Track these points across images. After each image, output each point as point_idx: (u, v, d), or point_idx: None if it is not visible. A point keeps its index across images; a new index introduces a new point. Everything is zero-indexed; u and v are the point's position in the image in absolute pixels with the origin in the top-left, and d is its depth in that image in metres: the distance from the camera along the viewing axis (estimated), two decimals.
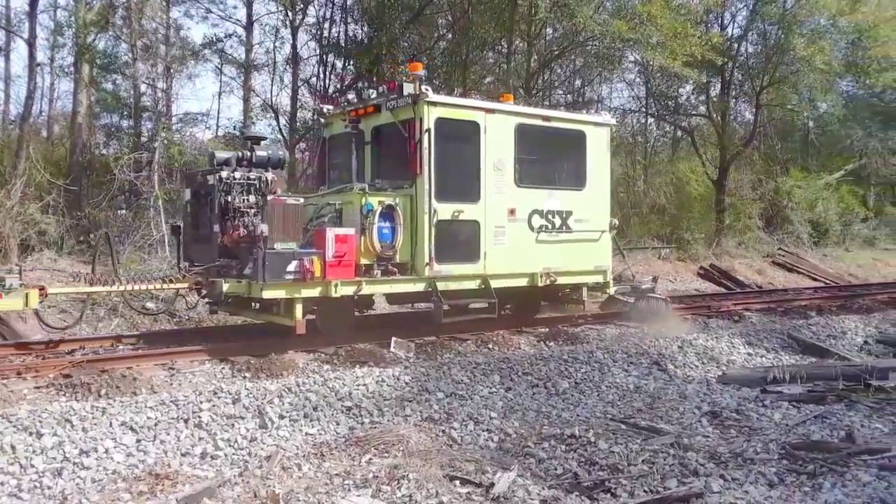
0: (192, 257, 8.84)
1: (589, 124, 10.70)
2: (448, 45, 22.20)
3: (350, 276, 8.34)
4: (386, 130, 9.55)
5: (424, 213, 8.83)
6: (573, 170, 10.49)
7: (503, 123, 9.59)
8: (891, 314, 12.61)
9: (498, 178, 9.51)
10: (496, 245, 9.47)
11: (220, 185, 8.31)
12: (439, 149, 8.94)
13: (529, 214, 9.84)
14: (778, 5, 24.45)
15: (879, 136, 30.12)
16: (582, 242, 10.38)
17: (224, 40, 21.36)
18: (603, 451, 5.65)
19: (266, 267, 7.81)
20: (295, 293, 8.05)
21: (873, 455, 5.42)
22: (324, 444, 5.87)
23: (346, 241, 8.28)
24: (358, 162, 9.58)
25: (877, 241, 27.83)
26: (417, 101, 8.85)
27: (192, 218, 8.94)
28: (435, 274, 8.95)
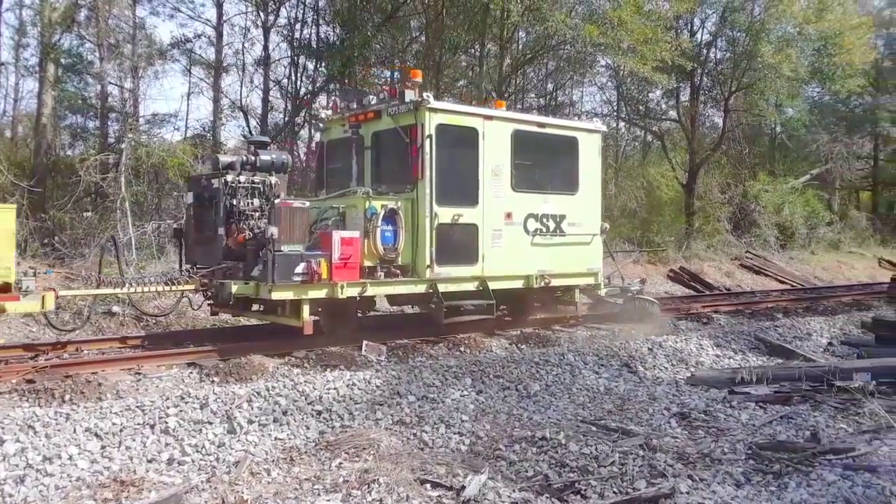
0: (195, 259, 8.95)
1: (581, 131, 11.03)
2: (421, 47, 22.19)
3: (355, 278, 8.53)
4: (386, 135, 9.71)
5: (426, 217, 9.04)
6: (566, 175, 10.74)
7: (500, 130, 9.83)
8: (855, 316, 12.86)
9: (495, 183, 9.76)
10: (494, 248, 9.71)
11: (226, 188, 8.48)
12: (440, 154, 9.15)
13: (525, 218, 10.09)
14: (746, 13, 24.86)
15: (844, 141, 30.79)
16: (574, 245, 10.66)
17: (193, 41, 21.13)
18: (573, 452, 5.67)
19: (275, 269, 7.94)
20: (302, 294, 8.19)
21: (838, 455, 5.50)
22: (293, 448, 5.82)
23: (352, 243, 8.48)
24: (358, 166, 9.72)
25: (841, 244, 28.37)
26: (419, 107, 9.05)
27: (194, 221, 9.06)
28: (436, 276, 9.15)
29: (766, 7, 24.48)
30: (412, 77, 9.58)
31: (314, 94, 20.62)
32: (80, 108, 20.77)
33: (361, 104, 10.15)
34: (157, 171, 15.01)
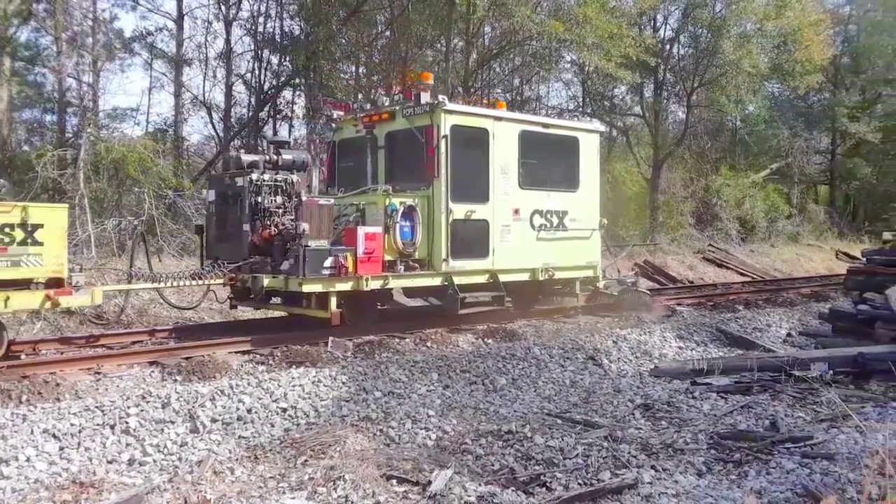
0: (218, 255, 9.26)
1: (582, 131, 11.57)
2: (387, 42, 22.08)
3: (378, 272, 9.00)
4: (399, 136, 10.11)
5: (441, 213, 9.51)
6: (568, 173, 11.25)
7: (509, 130, 10.32)
8: (813, 307, 13.15)
9: (504, 181, 10.23)
10: (503, 242, 10.20)
11: (251, 186, 8.83)
12: (454, 153, 9.60)
13: (531, 214, 10.59)
14: (708, 10, 25.19)
15: (803, 136, 31.38)
16: (576, 240, 11.19)
17: (154, 34, 20.72)
18: (539, 445, 5.71)
19: (306, 263, 8.35)
20: (330, 287, 8.61)
21: (796, 443, 5.63)
22: (258, 446, 5.76)
23: (375, 238, 8.94)
24: (372, 165, 10.20)
25: (800, 237, 28.94)
26: (435, 109, 9.48)
27: (216, 218, 9.40)
28: (451, 269, 9.63)
29: (728, 4, 24.85)
30: (423, 79, 10.06)
31: (279, 89, 20.40)
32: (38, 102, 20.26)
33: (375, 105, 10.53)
34: (117, 167, 14.68)
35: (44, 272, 7.21)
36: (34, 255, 7.12)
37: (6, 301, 6.93)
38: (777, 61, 27.04)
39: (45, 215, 7.24)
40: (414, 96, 9.88)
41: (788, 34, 25.87)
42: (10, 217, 6.97)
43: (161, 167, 15.03)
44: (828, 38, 29.71)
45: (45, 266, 7.19)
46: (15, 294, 7.00)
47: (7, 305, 6.97)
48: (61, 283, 7.34)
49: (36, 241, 7.12)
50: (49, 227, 7.19)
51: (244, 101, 21.45)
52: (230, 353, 8.02)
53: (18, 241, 7.01)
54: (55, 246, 7.25)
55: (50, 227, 7.20)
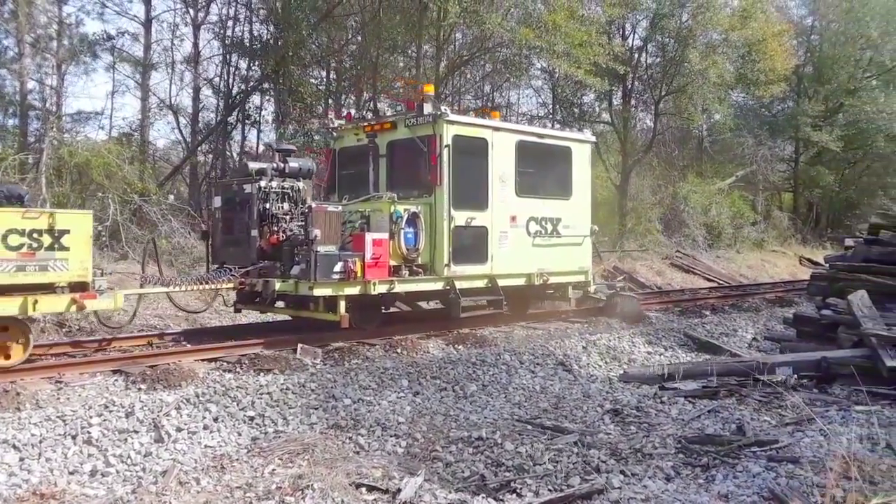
0: (224, 260, 9.46)
1: (574, 141, 11.93)
2: (358, 47, 22.03)
3: (385, 276, 9.25)
4: (401, 145, 10.38)
5: (443, 220, 9.81)
6: (561, 181, 11.59)
7: (506, 140, 10.63)
8: (777, 312, 13.38)
9: (502, 189, 10.53)
10: (501, 248, 10.51)
11: (259, 193, 9.08)
12: (455, 162, 9.88)
13: (527, 221, 10.89)
14: (675, 20, 25.56)
15: (767, 144, 31.94)
16: (568, 246, 11.53)
17: (117, 37, 20.39)
18: (509, 451, 5.71)
19: (317, 268, 8.60)
20: (340, 291, 8.85)
21: (762, 447, 5.70)
22: (224, 456, 5.67)
23: (381, 244, 9.19)
24: (374, 173, 10.50)
25: (765, 243, 29.41)
26: (437, 119, 9.77)
27: (223, 223, 9.63)
28: (452, 274, 9.91)
29: (694, 14, 25.24)
30: (425, 91, 10.37)
31: (247, 94, 20.21)
32: None
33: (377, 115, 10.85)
34: (80, 172, 14.40)
35: (69, 276, 7.40)
36: (60, 259, 7.32)
37: (35, 304, 7.12)
38: (742, 71, 27.53)
39: (71, 221, 7.46)
40: (416, 107, 10.13)
41: (753, 44, 26.36)
42: (37, 223, 7.17)
43: (126, 172, 14.77)
44: (791, 49, 30.35)
45: (70, 270, 7.38)
46: (43, 298, 7.20)
47: (36, 309, 7.16)
48: (86, 286, 7.53)
49: (62, 247, 7.33)
50: (74, 232, 7.40)
51: (212, 105, 21.21)
52: (196, 361, 7.89)
53: (46, 246, 7.22)
54: (80, 251, 7.46)
55: (75, 232, 7.41)
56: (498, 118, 11.14)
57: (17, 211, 7.19)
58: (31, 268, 7.14)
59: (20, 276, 7.07)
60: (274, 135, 20.82)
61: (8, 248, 7.00)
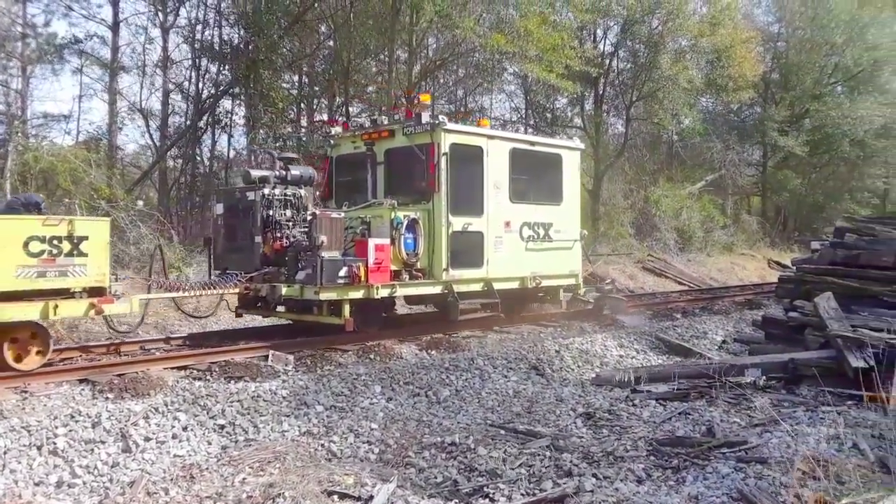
0: (226, 265, 9.73)
1: (565, 148, 12.33)
2: (330, 52, 21.93)
3: (387, 280, 9.54)
4: (399, 152, 10.66)
5: (442, 226, 10.12)
6: (552, 187, 11.97)
7: (500, 148, 10.98)
8: (747, 315, 13.56)
9: (497, 195, 10.87)
10: (496, 253, 10.85)
11: (262, 200, 9.34)
12: (452, 170, 10.20)
13: (520, 226, 11.24)
14: (646, 26, 25.86)
15: (736, 149, 32.40)
16: (559, 250, 11.90)
17: (85, 41, 20.05)
18: (482, 456, 5.70)
19: (323, 273, 8.84)
20: (344, 295, 9.12)
21: (731, 448, 5.76)
22: (194, 465, 5.60)
23: (384, 249, 9.48)
24: (372, 180, 10.75)
25: (734, 246, 29.80)
26: (435, 128, 10.06)
27: (225, 230, 9.83)
28: (450, 278, 10.24)
29: (664, 20, 25.56)
30: (422, 101, 10.81)
31: (217, 98, 20.01)
32: None
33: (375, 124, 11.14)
34: (46, 178, 14.14)
35: (87, 282, 7.61)
36: (79, 265, 7.51)
37: (55, 309, 7.29)
38: (711, 77, 27.94)
39: (90, 228, 7.66)
40: (415, 116, 10.38)
41: (722, 51, 26.76)
42: (57, 230, 7.37)
43: (93, 177, 14.53)
44: (758, 55, 30.84)
45: (88, 276, 7.58)
46: (63, 302, 7.39)
47: (56, 313, 7.34)
48: (103, 291, 7.72)
49: (81, 253, 7.52)
50: (93, 239, 7.60)
51: (182, 110, 20.95)
52: (165, 369, 7.77)
53: (65, 252, 7.41)
54: (98, 257, 7.66)
55: (94, 239, 7.61)
56: (488, 126, 11.43)
57: (37, 218, 7.41)
58: (52, 273, 7.33)
59: (41, 281, 7.26)
60: (245, 139, 20.65)
61: (29, 254, 7.19)
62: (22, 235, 7.16)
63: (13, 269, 7.08)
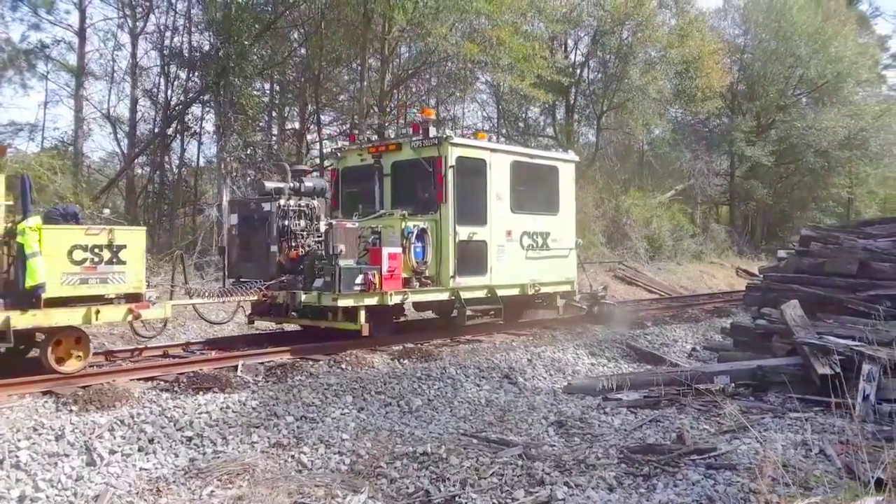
0: (241, 274, 10.13)
1: (561, 161, 12.91)
2: (301, 59, 21.83)
3: (399, 287, 9.99)
4: (405, 165, 11.08)
5: (449, 235, 10.59)
6: (550, 198, 12.51)
7: (502, 160, 11.49)
8: (716, 322, 13.72)
9: (499, 206, 11.35)
10: (499, 261, 11.32)
11: (278, 211, 9.69)
12: (458, 182, 10.66)
13: (521, 235, 11.74)
14: (616, 36, 26.18)
15: (704, 159, 32.91)
16: (556, 258, 12.43)
17: (51, 46, 19.70)
18: (454, 466, 5.67)
19: (341, 280, 9.21)
20: (360, 302, 9.52)
21: (701, 455, 5.80)
22: (160, 478, 5.49)
23: (396, 258, 9.92)
24: (380, 191, 11.19)
25: (704, 255, 30.22)
26: (443, 142, 10.54)
27: (239, 239, 10.22)
28: (457, 285, 10.71)
29: (634, 32, 25.91)
30: (426, 115, 11.32)
31: (187, 105, 19.78)
32: None
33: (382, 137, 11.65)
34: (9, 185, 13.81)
35: (126, 288, 8.00)
36: (118, 272, 7.91)
37: (97, 314, 7.70)
38: (680, 87, 28.37)
39: (128, 237, 8.07)
40: (422, 130, 10.83)
41: (690, 62, 27.21)
42: (98, 239, 7.76)
43: (59, 185, 14.26)
44: (725, 67, 31.40)
45: (127, 283, 7.98)
46: (104, 308, 7.79)
47: (98, 318, 7.75)
48: (139, 297, 8.12)
49: (120, 261, 7.92)
50: (131, 247, 8.02)
51: (151, 116, 20.66)
52: (131, 381, 7.64)
53: (106, 260, 7.81)
54: (135, 264, 8.07)
55: (131, 247, 8.02)
56: (485, 139, 11.99)
57: (81, 228, 7.80)
58: (93, 280, 7.74)
59: (83, 288, 7.67)
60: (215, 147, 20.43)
61: (73, 262, 7.57)
62: (66, 244, 7.52)
63: (59, 276, 7.46)
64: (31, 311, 7.28)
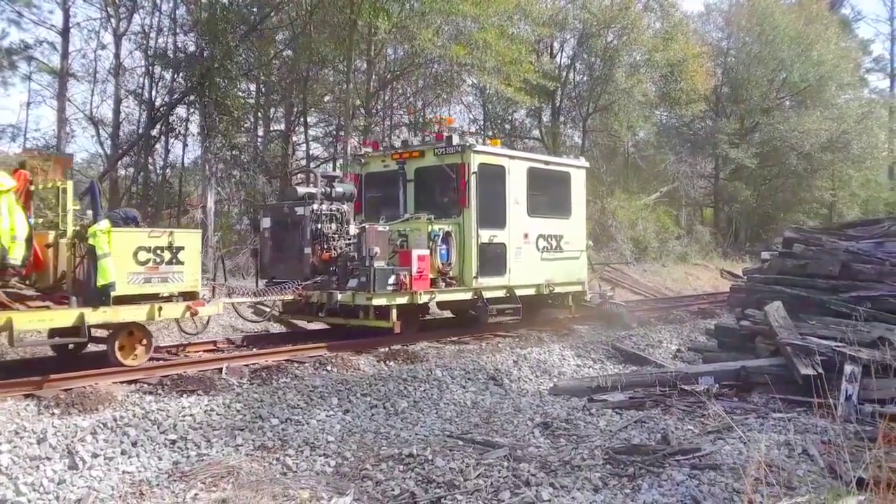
0: (274, 275, 10.68)
1: (573, 167, 13.46)
2: (287, 61, 21.76)
3: (427, 287, 10.53)
4: (428, 171, 11.66)
5: (472, 238, 11.14)
6: (563, 202, 13.07)
7: (520, 167, 12.09)
8: (700, 324, 13.81)
9: (517, 210, 11.92)
10: (516, 262, 11.87)
11: (311, 215, 10.24)
12: (480, 187, 11.22)
13: (536, 238, 12.30)
14: (601, 39, 26.31)
15: (688, 161, 33.10)
16: (569, 260, 12.97)
17: (34, 46, 19.51)
18: (440, 468, 5.66)
19: (375, 280, 9.74)
20: (392, 301, 10.03)
21: (686, 455, 5.83)
22: (143, 481, 5.45)
23: (425, 259, 10.45)
24: (403, 196, 11.71)
25: (688, 256, 30.36)
26: (466, 150, 11.13)
27: (272, 242, 10.76)
28: (479, 285, 11.26)
29: (620, 35, 26.05)
30: (448, 124, 12.18)
31: (171, 106, 19.67)
32: None
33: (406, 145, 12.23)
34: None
35: (184, 287, 8.49)
36: (177, 272, 8.40)
37: (159, 311, 8.21)
38: (665, 90, 28.53)
39: (186, 239, 8.57)
40: (445, 138, 11.37)
41: (675, 65, 27.38)
42: (160, 241, 8.28)
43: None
44: (709, 70, 31.61)
45: (185, 282, 8.48)
46: (165, 305, 8.29)
47: (160, 315, 8.25)
48: (195, 296, 8.63)
49: (179, 261, 8.40)
50: (188, 248, 8.51)
51: (135, 118, 20.52)
52: (115, 384, 7.56)
53: (166, 260, 8.31)
54: (192, 264, 8.56)
55: (189, 248, 8.52)
56: (499, 146, 12.44)
57: (144, 231, 8.38)
58: (156, 280, 8.26)
59: (147, 286, 8.21)
60: (199, 148, 20.31)
61: (138, 262, 8.10)
62: (132, 246, 8.05)
63: (125, 275, 7.97)
64: (101, 309, 7.76)
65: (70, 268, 8.10)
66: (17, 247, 7.72)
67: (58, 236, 8.28)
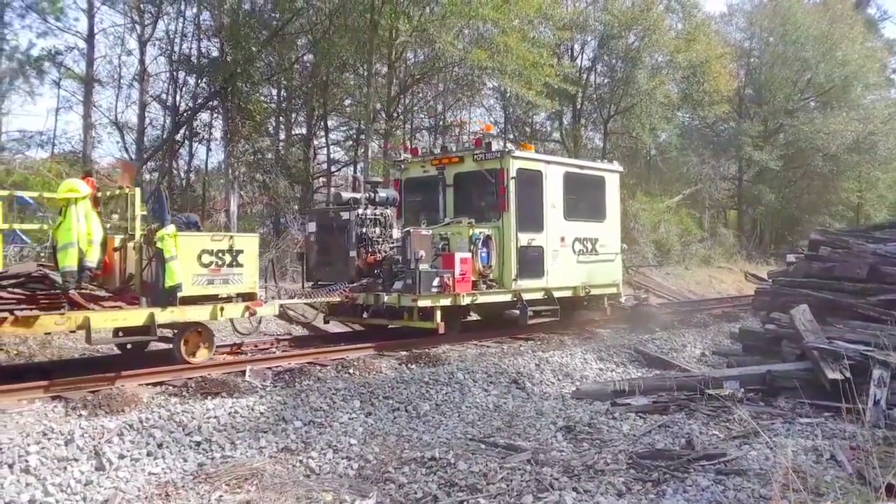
0: (319, 278, 11.03)
1: (607, 171, 13.79)
2: (308, 65, 21.91)
3: (469, 290, 10.85)
4: (467, 176, 11.99)
5: (511, 241, 11.44)
6: (598, 206, 13.38)
7: (556, 172, 12.37)
8: (724, 327, 13.65)
9: (554, 213, 12.22)
10: (554, 265, 12.18)
11: (356, 219, 10.60)
12: (519, 192, 11.49)
13: (573, 241, 12.60)
14: (623, 41, 26.18)
15: (711, 163, 32.82)
16: (604, 262, 13.27)
17: (63, 53, 19.82)
18: (462, 471, 5.65)
19: (421, 283, 10.07)
20: (437, 302, 10.35)
21: (711, 460, 5.76)
22: (169, 483, 5.49)
23: (467, 262, 10.78)
24: (443, 201, 12.09)
25: (712, 259, 30.12)
26: (505, 155, 11.41)
27: (318, 245, 11.11)
28: (518, 287, 11.52)
29: (641, 36, 25.91)
30: (487, 131, 12.58)
31: (195, 111, 19.89)
32: None
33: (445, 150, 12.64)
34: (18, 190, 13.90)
35: (243, 288, 8.92)
36: (237, 274, 8.83)
37: (221, 311, 8.66)
38: (687, 91, 28.31)
39: (245, 242, 9.00)
40: (484, 144, 11.63)
41: (697, 66, 27.17)
42: (222, 244, 8.72)
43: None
44: (732, 71, 31.34)
45: (244, 283, 8.90)
46: (226, 306, 8.73)
47: (222, 314, 8.69)
48: (253, 296, 9.06)
49: (238, 263, 8.83)
50: (247, 252, 8.92)
51: (160, 122, 20.77)
52: (140, 386, 7.66)
53: (227, 263, 8.74)
54: (251, 267, 8.97)
55: (247, 251, 8.93)
56: (532, 150, 12.68)
57: (207, 234, 8.88)
58: (218, 281, 8.69)
59: (210, 288, 8.65)
60: (223, 152, 20.51)
61: (202, 265, 8.50)
62: (197, 249, 8.44)
63: (190, 277, 8.36)
64: (169, 309, 8.18)
65: (138, 270, 8.50)
66: (94, 250, 8.14)
67: (125, 240, 8.73)
